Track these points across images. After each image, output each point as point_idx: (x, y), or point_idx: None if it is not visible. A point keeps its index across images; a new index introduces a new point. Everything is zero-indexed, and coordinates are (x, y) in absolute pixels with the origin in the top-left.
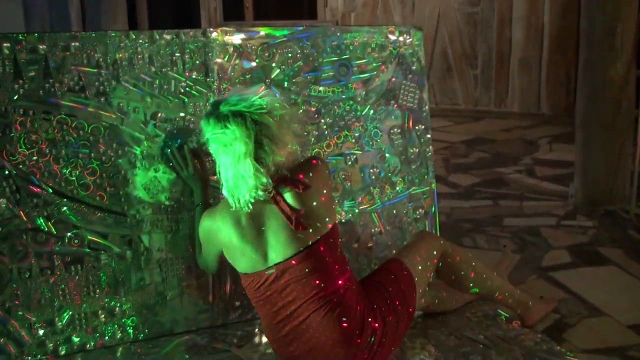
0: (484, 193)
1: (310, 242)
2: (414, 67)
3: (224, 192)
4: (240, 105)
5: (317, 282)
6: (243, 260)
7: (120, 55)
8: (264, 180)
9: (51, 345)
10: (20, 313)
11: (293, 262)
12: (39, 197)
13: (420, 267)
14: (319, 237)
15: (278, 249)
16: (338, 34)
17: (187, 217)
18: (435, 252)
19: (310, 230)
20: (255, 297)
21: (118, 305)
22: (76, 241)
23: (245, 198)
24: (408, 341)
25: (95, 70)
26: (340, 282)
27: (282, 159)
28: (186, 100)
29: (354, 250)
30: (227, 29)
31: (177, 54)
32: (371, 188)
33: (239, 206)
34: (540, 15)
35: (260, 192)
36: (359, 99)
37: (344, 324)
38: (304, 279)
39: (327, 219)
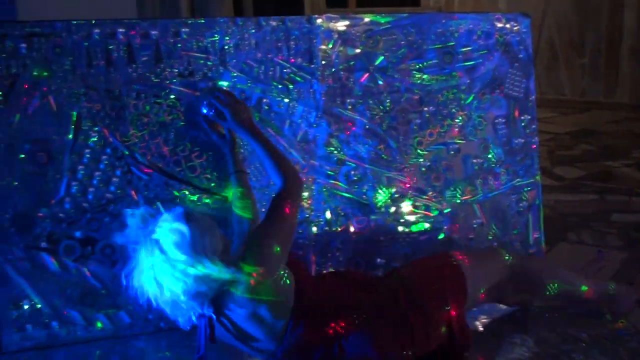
0: (590, 187)
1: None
2: (521, 56)
3: None
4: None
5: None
6: None
7: (228, 41)
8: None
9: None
10: (130, 287)
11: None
12: (148, 177)
13: (479, 268)
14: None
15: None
16: (443, 20)
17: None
18: (503, 262)
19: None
20: None
21: None
22: None
23: None
24: (506, 335)
25: (204, 55)
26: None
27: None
28: (290, 86)
29: (454, 241)
30: (332, 15)
31: (282, 40)
32: (474, 179)
33: None
34: None
35: None
36: (463, 87)
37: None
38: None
39: (284, 296)
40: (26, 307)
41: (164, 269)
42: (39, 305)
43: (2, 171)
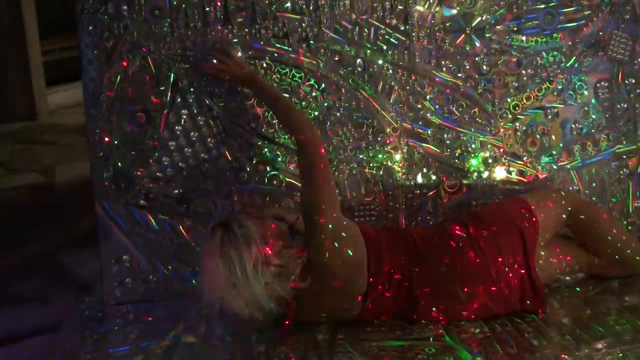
0: None
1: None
2: (627, 16)
3: None
4: None
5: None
6: None
7: (322, 2)
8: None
9: None
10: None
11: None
12: (242, 139)
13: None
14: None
15: None
16: None
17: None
18: (565, 202)
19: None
20: None
21: None
22: (274, 182)
23: None
24: (603, 306)
25: (299, 16)
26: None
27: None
28: (384, 47)
29: None
30: None
31: (377, 1)
32: (572, 144)
33: None
34: None
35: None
36: (564, 49)
37: None
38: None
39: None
40: (126, 262)
41: (228, 280)
42: (138, 261)
43: (103, 131)
